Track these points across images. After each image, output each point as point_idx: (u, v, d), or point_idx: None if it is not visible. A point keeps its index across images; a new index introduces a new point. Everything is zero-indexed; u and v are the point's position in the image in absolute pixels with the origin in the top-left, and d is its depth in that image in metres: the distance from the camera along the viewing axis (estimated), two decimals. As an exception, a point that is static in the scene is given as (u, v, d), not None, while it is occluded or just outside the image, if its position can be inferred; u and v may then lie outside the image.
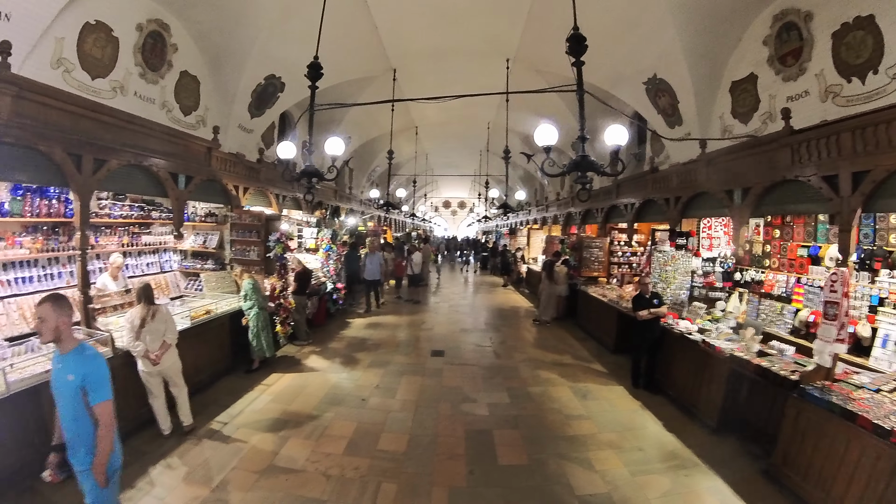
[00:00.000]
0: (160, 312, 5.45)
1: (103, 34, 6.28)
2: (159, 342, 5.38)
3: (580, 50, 4.65)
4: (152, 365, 5.32)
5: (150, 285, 5.67)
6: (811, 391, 4.61)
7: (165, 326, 5.46)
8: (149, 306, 5.37)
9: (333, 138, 6.69)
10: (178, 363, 5.63)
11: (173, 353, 5.54)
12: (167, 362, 5.45)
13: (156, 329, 5.35)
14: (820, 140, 5.52)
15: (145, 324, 5.28)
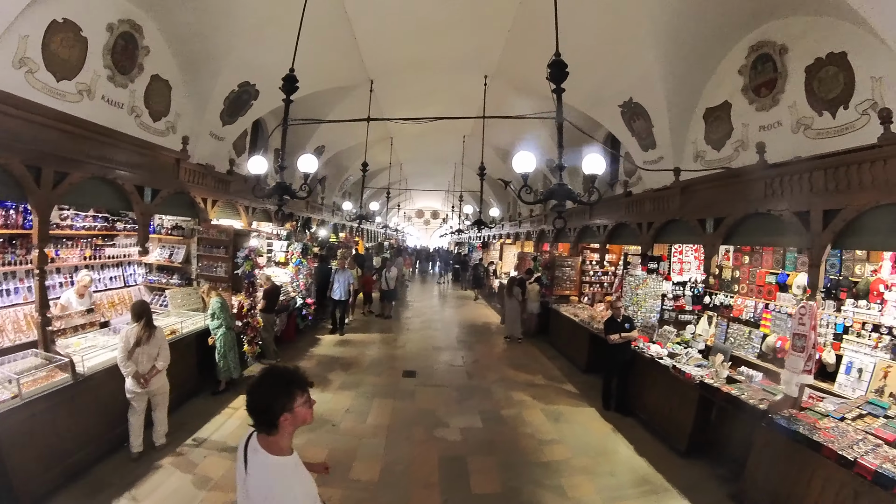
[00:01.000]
0: (155, 335, 5.36)
1: (71, 33, 5.82)
2: (150, 364, 5.29)
3: (561, 77, 4.57)
4: (141, 387, 5.21)
5: (147, 304, 5.63)
6: (779, 421, 4.71)
7: (159, 350, 5.37)
8: (146, 327, 5.28)
9: (306, 156, 6.55)
10: (167, 385, 5.57)
11: (162, 375, 5.47)
12: (156, 384, 5.38)
13: (149, 352, 5.27)
14: (793, 176, 5.63)
15: (140, 344, 5.18)
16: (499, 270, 21.05)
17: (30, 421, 4.52)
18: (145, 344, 5.23)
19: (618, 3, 6.82)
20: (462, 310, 17.44)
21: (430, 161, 22.45)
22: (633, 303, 8.69)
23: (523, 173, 4.93)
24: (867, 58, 4.95)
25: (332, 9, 7.99)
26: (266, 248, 11.45)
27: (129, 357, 5.15)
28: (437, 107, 14.10)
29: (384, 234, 30.99)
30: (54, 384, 4.85)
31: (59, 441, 4.84)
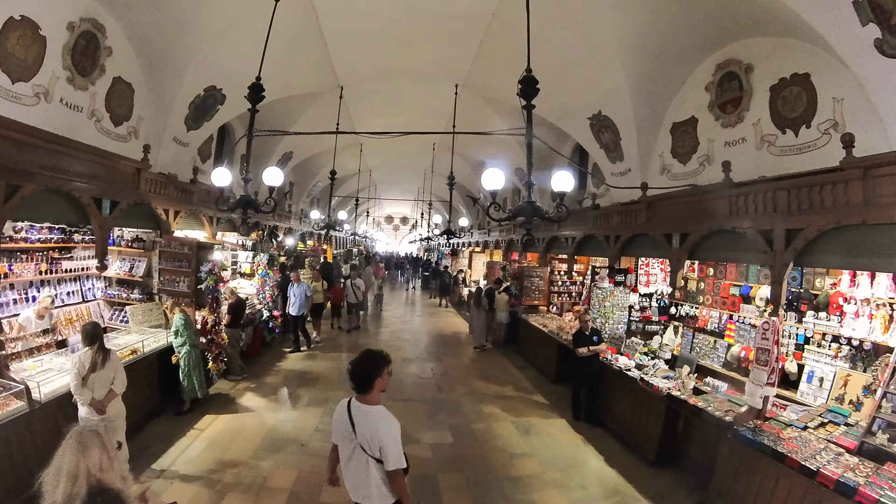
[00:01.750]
0: (111, 359, 4.96)
1: (29, 32, 5.40)
2: (106, 389, 4.87)
3: (532, 93, 4.59)
4: (97, 414, 4.79)
5: (100, 325, 5.26)
6: (744, 432, 4.81)
7: (115, 374, 4.96)
8: (100, 351, 4.88)
9: (272, 168, 6.38)
10: (123, 409, 5.14)
11: (119, 400, 5.05)
12: (112, 410, 4.94)
13: (105, 376, 4.86)
14: (758, 195, 5.80)
15: (95, 370, 4.78)
16: (468, 279, 21.05)
17: None
18: (100, 369, 4.82)
19: (586, 23, 6.93)
20: (431, 319, 17.41)
21: (400, 168, 22.40)
22: (601, 314, 8.79)
23: (492, 190, 4.92)
24: (829, 79, 5.13)
25: (302, 13, 7.83)
26: (231, 260, 11.16)
27: (83, 384, 4.73)
28: (407, 115, 14.10)
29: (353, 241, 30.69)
30: (10, 413, 4.61)
31: (16, 472, 4.57)
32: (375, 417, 3.19)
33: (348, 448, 3.24)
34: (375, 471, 3.13)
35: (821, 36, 4.68)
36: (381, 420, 3.18)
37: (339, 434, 3.31)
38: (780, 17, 5.11)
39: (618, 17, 6.58)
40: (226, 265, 9.77)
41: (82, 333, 5.02)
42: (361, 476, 3.18)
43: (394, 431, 3.17)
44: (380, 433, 3.11)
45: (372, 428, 3.14)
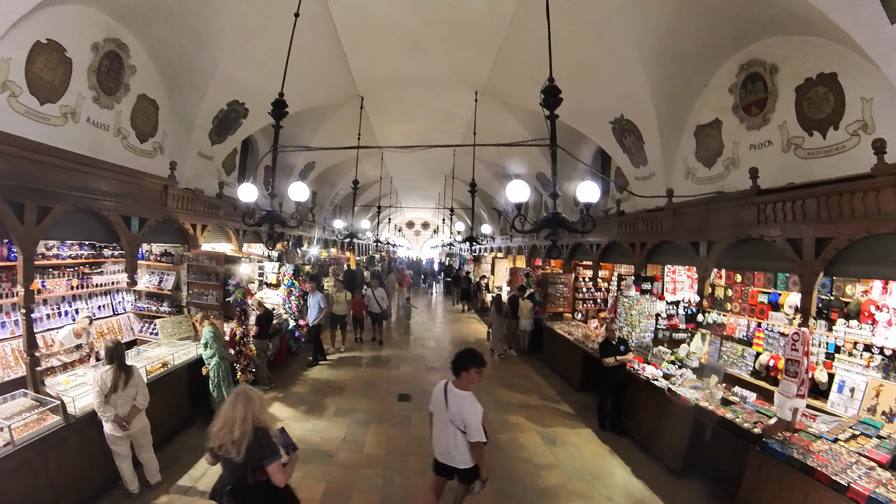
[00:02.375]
0: (132, 377, 5.14)
1: (55, 54, 5.62)
2: (129, 406, 5.08)
3: (554, 103, 4.49)
4: (121, 430, 5.02)
5: (121, 345, 5.35)
6: (773, 445, 4.74)
7: (137, 390, 5.16)
8: (121, 371, 5.04)
9: (297, 184, 6.49)
10: (147, 424, 5.36)
11: (142, 415, 5.26)
12: (136, 426, 5.18)
13: (127, 394, 5.05)
14: (786, 203, 5.66)
15: (117, 389, 4.96)
16: (490, 285, 20.98)
17: (22, 467, 4.43)
18: (122, 389, 5.00)
19: (604, 27, 6.85)
20: (454, 325, 17.42)
21: (421, 173, 22.35)
22: (628, 323, 8.71)
23: (517, 203, 4.92)
24: (856, 79, 5.00)
25: (321, 26, 7.90)
26: (258, 272, 11.34)
27: (106, 401, 4.92)
28: (427, 122, 14.15)
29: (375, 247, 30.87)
30: (46, 427, 4.75)
31: (51, 485, 4.73)
32: (464, 401, 4.26)
33: (441, 419, 4.39)
34: (461, 440, 4.27)
35: (847, 34, 4.54)
36: (467, 403, 4.24)
37: (436, 408, 4.51)
38: (803, 17, 4.99)
39: (636, 20, 6.50)
40: (253, 278, 9.95)
41: (104, 352, 5.19)
42: (450, 441, 4.34)
43: (476, 413, 4.23)
44: (465, 413, 4.19)
45: (460, 408, 4.23)
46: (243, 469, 3.33)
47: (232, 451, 3.26)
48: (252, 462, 3.31)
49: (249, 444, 3.28)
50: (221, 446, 3.30)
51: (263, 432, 3.41)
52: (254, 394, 3.55)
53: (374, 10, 7.77)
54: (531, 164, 13.73)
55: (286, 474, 3.49)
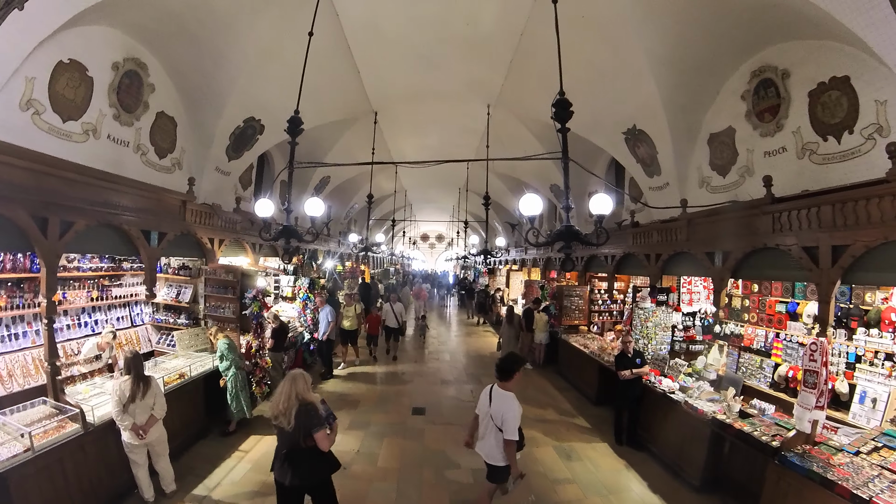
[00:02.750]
0: (151, 388, 5.29)
1: (77, 73, 5.81)
2: (147, 415, 5.22)
3: (566, 116, 4.50)
4: (138, 439, 5.16)
5: (140, 356, 5.49)
6: (792, 458, 4.64)
7: (154, 400, 5.30)
8: (139, 382, 5.19)
9: (313, 199, 6.59)
10: (164, 433, 5.50)
11: (160, 424, 5.40)
12: (153, 435, 5.31)
13: (145, 404, 5.21)
14: (801, 210, 5.59)
15: (135, 399, 5.12)
16: (505, 297, 20.90)
17: (41, 473, 4.55)
18: (140, 399, 5.16)
19: (615, 37, 6.88)
20: (469, 339, 17.30)
21: (435, 186, 22.51)
22: (643, 335, 8.61)
23: (530, 216, 4.94)
24: (870, 81, 4.96)
25: (334, 43, 8.05)
26: (273, 285, 11.45)
27: (124, 410, 5.09)
28: (440, 136, 14.24)
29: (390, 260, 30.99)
30: (65, 435, 4.88)
31: (69, 491, 4.85)
32: (506, 399, 4.64)
33: (483, 419, 4.83)
34: (497, 437, 4.62)
35: (858, 37, 4.49)
36: (508, 402, 4.60)
37: (481, 408, 4.92)
38: (814, 20, 4.95)
39: (647, 30, 6.52)
40: (269, 291, 10.04)
41: (124, 362, 5.39)
42: (490, 440, 4.72)
43: (515, 412, 4.55)
44: (504, 410, 4.54)
45: (502, 406, 4.59)
46: (295, 436, 4.09)
47: (283, 422, 4.07)
48: (302, 430, 4.07)
49: (297, 415, 4.05)
50: (276, 417, 4.14)
51: (311, 406, 4.19)
52: (299, 375, 4.33)
53: (385, 27, 7.91)
54: (545, 175, 13.72)
55: (330, 441, 4.28)
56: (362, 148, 12.16)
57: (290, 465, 4.18)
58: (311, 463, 4.21)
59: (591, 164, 9.80)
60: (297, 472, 4.18)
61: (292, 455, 4.18)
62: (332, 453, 4.46)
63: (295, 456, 4.19)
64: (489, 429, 4.71)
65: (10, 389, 5.58)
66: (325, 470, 4.41)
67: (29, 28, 4.75)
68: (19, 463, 4.33)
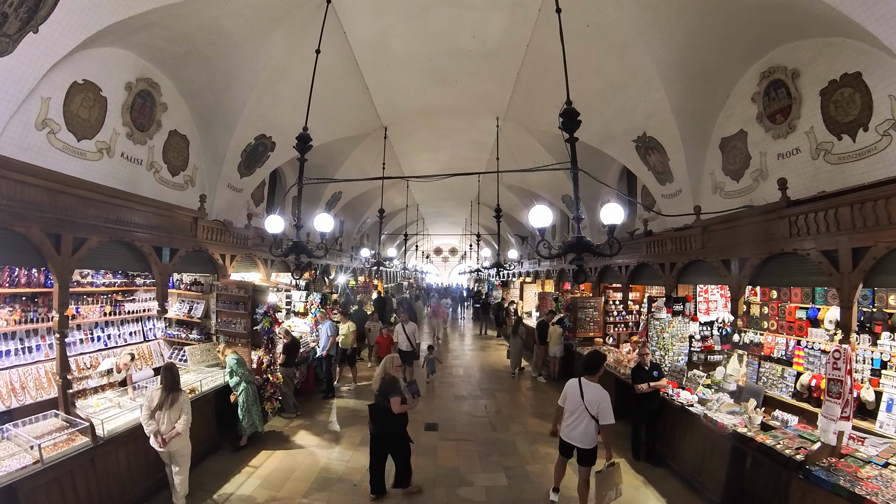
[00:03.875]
0: (178, 400, 5.51)
1: (91, 94, 6.00)
2: (171, 426, 5.41)
3: (573, 126, 4.47)
4: (160, 446, 5.37)
5: (175, 368, 5.74)
6: (817, 473, 4.44)
7: (181, 414, 5.48)
8: (168, 393, 5.45)
9: (322, 215, 6.59)
10: (188, 447, 5.66)
11: (183, 437, 5.54)
12: (175, 446, 5.47)
13: (171, 415, 5.43)
14: (818, 213, 5.45)
15: (162, 408, 5.38)
16: (519, 310, 20.68)
17: (50, 485, 4.60)
18: (167, 409, 5.38)
19: (622, 46, 6.86)
20: (483, 353, 17.03)
21: (446, 200, 22.65)
22: (660, 347, 8.41)
23: (540, 228, 4.86)
24: (883, 76, 4.85)
25: (343, 61, 8.17)
26: (285, 300, 11.44)
27: (151, 416, 5.34)
28: (450, 150, 14.28)
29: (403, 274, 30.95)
30: (75, 448, 4.95)
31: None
32: (597, 390, 5.50)
33: (575, 410, 5.60)
34: (592, 424, 5.45)
35: (868, 32, 4.39)
36: (601, 392, 5.47)
37: (570, 400, 5.72)
38: (822, 18, 4.87)
39: (653, 37, 6.48)
40: (280, 307, 10.02)
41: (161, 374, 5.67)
42: (581, 427, 5.52)
43: (608, 399, 5.43)
44: (600, 399, 5.41)
45: (596, 396, 5.45)
46: (379, 398, 6.05)
47: (375, 387, 6.25)
48: (382, 394, 6.00)
49: (382, 384, 6.11)
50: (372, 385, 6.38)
51: (391, 378, 6.19)
52: (389, 358, 6.47)
53: (392, 44, 8.00)
54: (557, 187, 13.66)
55: (401, 408, 5.94)
56: (373, 163, 12.23)
57: (373, 419, 6.10)
58: (387, 418, 5.95)
59: (602, 174, 9.70)
60: (377, 423, 6.07)
61: (375, 411, 6.10)
62: (406, 415, 6.16)
63: (377, 412, 6.07)
64: (582, 417, 5.52)
65: (22, 402, 5.63)
66: (397, 425, 6.03)
67: (44, 50, 4.91)
68: (29, 474, 4.38)
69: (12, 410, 5.43)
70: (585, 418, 5.43)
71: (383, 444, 6.10)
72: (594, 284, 12.99)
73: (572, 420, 5.58)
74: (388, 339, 11.50)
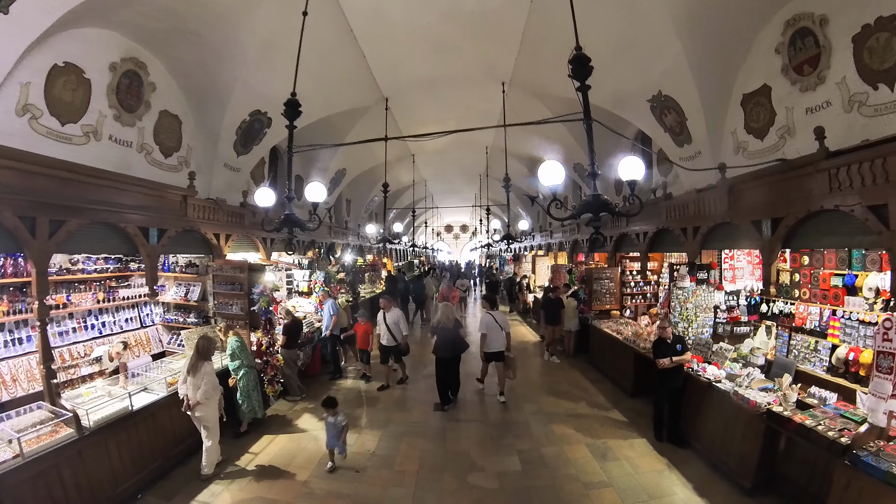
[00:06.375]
0: (201, 370, 5.84)
1: (74, 76, 5.79)
2: (195, 393, 5.76)
3: (584, 73, 4.05)
4: (187, 410, 5.81)
5: (211, 340, 6.22)
6: (865, 459, 3.93)
7: (201, 383, 5.79)
8: (195, 360, 5.86)
9: (314, 184, 6.15)
10: (214, 416, 6.00)
11: (207, 407, 5.87)
12: (200, 412, 5.84)
13: (195, 383, 5.79)
14: (862, 164, 4.88)
15: (188, 374, 5.81)
16: (532, 284, 20.18)
17: (34, 480, 4.43)
18: (191, 377, 5.79)
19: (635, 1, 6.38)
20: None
21: (455, 175, 22.34)
22: (683, 318, 7.86)
23: (552, 187, 4.33)
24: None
25: (337, 30, 7.91)
26: (286, 280, 11.08)
27: (183, 382, 5.86)
28: (456, 122, 13.75)
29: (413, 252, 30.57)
30: (59, 440, 4.77)
31: (67, 497, 4.70)
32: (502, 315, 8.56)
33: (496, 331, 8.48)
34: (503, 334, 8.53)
35: None
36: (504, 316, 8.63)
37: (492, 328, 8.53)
38: None
39: (668, -15, 5.95)
40: (277, 286, 9.67)
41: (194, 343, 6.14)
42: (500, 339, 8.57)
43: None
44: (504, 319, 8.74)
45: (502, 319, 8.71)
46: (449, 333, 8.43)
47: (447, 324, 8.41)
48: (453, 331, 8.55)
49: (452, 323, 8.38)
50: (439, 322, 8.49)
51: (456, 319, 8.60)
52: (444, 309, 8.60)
53: (388, 9, 7.66)
54: (568, 155, 13.05)
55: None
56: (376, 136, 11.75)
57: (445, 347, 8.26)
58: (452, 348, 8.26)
59: (615, 140, 9.09)
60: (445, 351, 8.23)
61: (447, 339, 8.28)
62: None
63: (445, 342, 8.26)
64: (499, 332, 8.43)
65: (13, 394, 5.61)
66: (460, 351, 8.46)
67: (17, 32, 4.72)
68: (10, 469, 4.24)
69: (4, 403, 5.41)
70: (502, 334, 8.45)
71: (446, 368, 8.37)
72: (610, 254, 12.45)
73: (494, 337, 8.47)
74: (364, 328, 9.76)
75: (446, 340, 8.33)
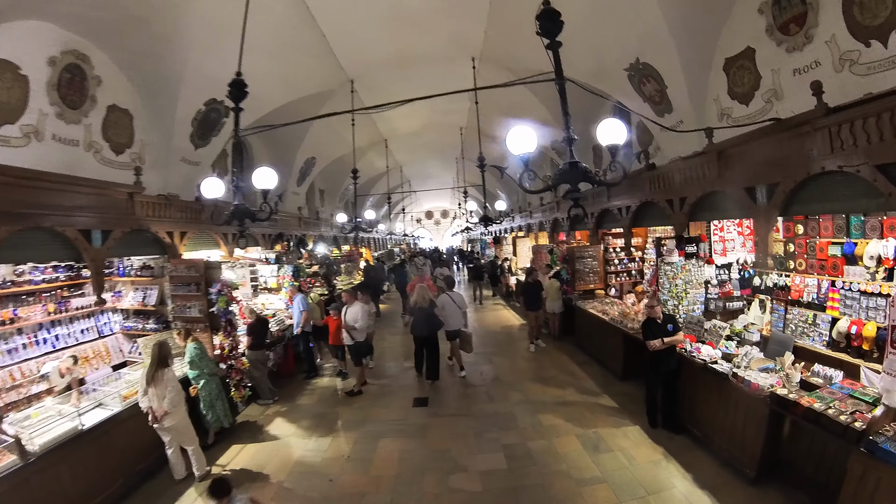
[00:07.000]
0: (163, 379, 5.47)
1: (9, 73, 5.44)
2: (161, 403, 5.40)
3: (554, 28, 3.71)
4: (153, 422, 5.41)
5: (167, 345, 5.76)
6: (883, 445, 3.54)
7: (166, 392, 5.43)
8: (154, 369, 5.46)
9: (262, 169, 5.55)
10: (184, 425, 5.68)
11: (176, 415, 5.55)
12: (168, 423, 5.48)
13: (159, 392, 5.42)
14: (867, 119, 4.46)
15: (149, 384, 5.41)
16: (514, 266, 19.75)
17: None
18: (152, 385, 5.41)
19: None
20: (478, 314, 15.93)
21: (430, 159, 22.03)
22: (672, 295, 7.44)
23: (523, 155, 3.80)
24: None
25: (294, 12, 7.52)
26: (250, 276, 10.47)
27: (144, 393, 5.43)
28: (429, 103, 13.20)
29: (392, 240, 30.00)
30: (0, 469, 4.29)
31: None
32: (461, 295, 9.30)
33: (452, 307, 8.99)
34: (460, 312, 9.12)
35: None
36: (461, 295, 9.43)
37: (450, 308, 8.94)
38: None
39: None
40: (236, 284, 9.06)
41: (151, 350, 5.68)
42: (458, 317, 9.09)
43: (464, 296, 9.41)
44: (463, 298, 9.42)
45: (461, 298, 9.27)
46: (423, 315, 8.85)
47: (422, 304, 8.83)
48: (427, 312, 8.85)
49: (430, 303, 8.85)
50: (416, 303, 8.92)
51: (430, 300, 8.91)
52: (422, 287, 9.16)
53: None
54: (544, 132, 12.57)
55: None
56: (345, 122, 11.43)
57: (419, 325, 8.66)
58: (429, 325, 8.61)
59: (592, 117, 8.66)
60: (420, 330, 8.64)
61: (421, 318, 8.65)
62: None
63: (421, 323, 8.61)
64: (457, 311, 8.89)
65: None
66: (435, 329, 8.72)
67: None
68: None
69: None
70: (459, 313, 8.93)
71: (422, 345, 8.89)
72: (592, 231, 12.05)
73: (451, 315, 8.85)
74: (337, 322, 8.77)
75: (420, 319, 8.81)
